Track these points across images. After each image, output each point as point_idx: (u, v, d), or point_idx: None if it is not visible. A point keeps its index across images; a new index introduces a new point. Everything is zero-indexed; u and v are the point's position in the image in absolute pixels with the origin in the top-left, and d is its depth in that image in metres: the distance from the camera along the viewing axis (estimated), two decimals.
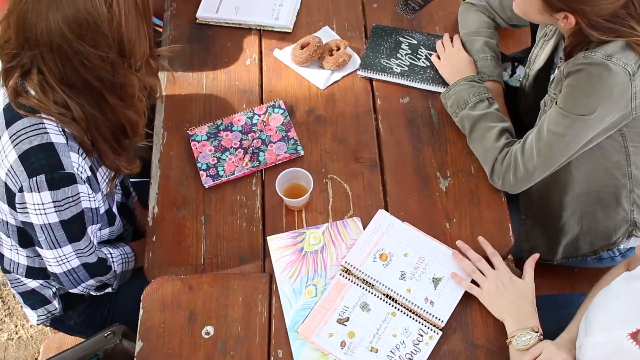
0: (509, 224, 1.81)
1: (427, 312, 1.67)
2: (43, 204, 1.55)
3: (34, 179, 1.53)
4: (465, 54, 2.02)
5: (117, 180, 1.80)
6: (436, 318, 1.66)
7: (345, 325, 1.66)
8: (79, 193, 1.60)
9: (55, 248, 1.64)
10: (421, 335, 1.64)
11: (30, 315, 1.93)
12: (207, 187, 1.88)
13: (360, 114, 2.01)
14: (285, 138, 1.95)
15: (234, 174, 1.89)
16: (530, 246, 2.01)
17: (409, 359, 1.61)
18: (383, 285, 1.70)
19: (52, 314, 1.92)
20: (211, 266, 1.78)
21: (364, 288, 1.70)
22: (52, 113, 1.55)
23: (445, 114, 1.96)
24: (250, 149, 1.93)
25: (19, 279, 1.84)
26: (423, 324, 1.66)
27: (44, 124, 1.55)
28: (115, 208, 1.86)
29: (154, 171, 1.92)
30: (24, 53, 1.51)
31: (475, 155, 1.87)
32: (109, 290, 1.87)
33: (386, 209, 1.84)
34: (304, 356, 1.62)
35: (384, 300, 1.69)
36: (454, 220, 1.82)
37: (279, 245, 1.78)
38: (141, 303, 1.70)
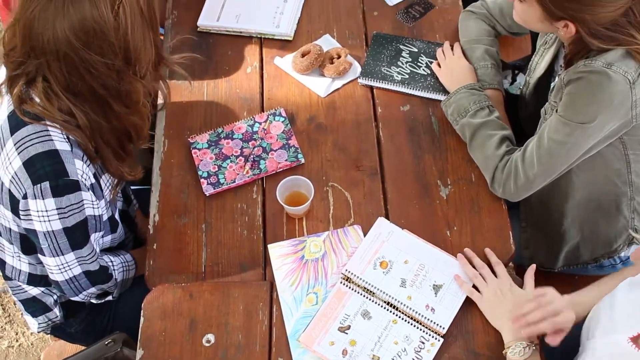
0: (510, 232, 1.81)
1: (428, 319, 1.66)
2: (47, 211, 1.56)
3: (38, 185, 1.53)
4: (465, 61, 2.03)
5: (119, 188, 1.80)
6: (437, 325, 1.66)
7: (347, 333, 1.65)
8: (82, 200, 1.60)
9: (58, 255, 1.64)
10: (422, 343, 1.64)
11: (31, 322, 1.92)
12: (208, 195, 1.88)
13: (361, 122, 2.01)
14: (286, 146, 1.95)
15: (234, 181, 1.89)
16: (530, 254, 2.01)
17: None
18: (384, 292, 1.70)
19: (53, 321, 1.91)
20: (212, 274, 1.78)
21: (364, 296, 1.70)
22: (57, 120, 1.55)
23: (445, 121, 1.96)
24: (251, 156, 1.93)
25: (20, 286, 1.84)
26: (424, 331, 1.65)
27: (48, 131, 1.55)
28: (117, 215, 1.86)
29: (155, 179, 1.92)
30: (30, 61, 1.51)
31: (476, 163, 1.87)
32: (110, 298, 1.87)
33: (387, 216, 1.84)
34: None
35: (385, 308, 1.69)
36: (455, 228, 1.82)
37: (280, 253, 1.78)
38: (142, 311, 1.70)
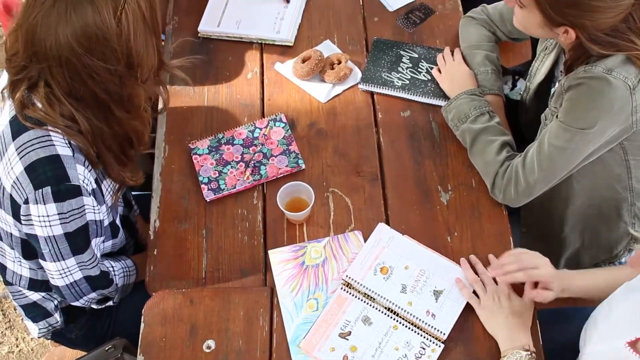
0: (510, 237, 1.81)
1: (429, 325, 1.66)
2: (48, 216, 1.56)
3: (40, 190, 1.53)
4: (466, 67, 2.03)
5: (121, 193, 1.81)
6: (438, 331, 1.65)
7: (347, 339, 1.65)
8: (84, 205, 1.60)
9: (59, 260, 1.64)
10: (423, 349, 1.64)
11: (32, 328, 1.92)
12: (209, 201, 1.89)
13: (362, 128, 2.01)
14: (287, 152, 1.95)
15: (235, 187, 1.89)
16: None
17: None
18: (384, 298, 1.70)
19: (54, 327, 1.91)
20: (212, 280, 1.78)
21: (365, 302, 1.70)
22: (59, 125, 1.55)
23: (446, 127, 1.96)
24: (252, 162, 1.93)
25: (21, 291, 1.84)
26: (425, 337, 1.65)
27: (50, 136, 1.55)
28: (118, 220, 1.86)
29: (156, 185, 1.92)
30: (32, 66, 1.51)
31: (476, 168, 1.87)
32: (110, 303, 1.87)
33: (387, 222, 1.84)
34: None
35: (385, 313, 1.69)
36: (455, 233, 1.82)
37: (280, 259, 1.78)
38: (142, 317, 1.70)
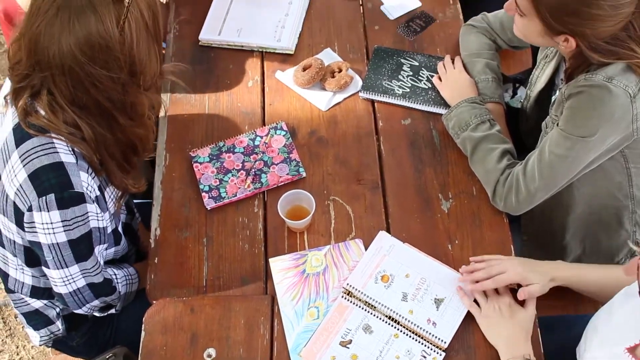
0: (511, 245, 1.81)
1: (430, 333, 1.66)
2: (52, 223, 1.56)
3: (44, 198, 1.53)
4: (466, 75, 2.03)
5: (124, 200, 1.81)
6: (439, 339, 1.65)
7: (348, 347, 1.65)
8: (87, 212, 1.60)
9: (62, 268, 1.63)
10: (424, 357, 1.63)
11: (33, 336, 1.92)
12: (210, 209, 1.89)
13: (362, 136, 2.01)
14: (287, 160, 1.95)
15: (236, 195, 1.89)
16: None
17: None
18: (385, 307, 1.70)
19: (55, 334, 1.91)
20: (213, 288, 1.77)
21: (366, 310, 1.70)
22: (62, 133, 1.55)
23: (446, 135, 1.97)
24: (253, 170, 1.93)
25: (23, 298, 1.84)
26: (426, 345, 1.65)
27: (53, 143, 1.56)
28: (120, 228, 1.86)
29: (156, 193, 1.93)
30: (35, 74, 1.52)
31: (477, 176, 1.87)
32: (113, 311, 1.87)
33: (388, 230, 1.84)
34: None
35: (386, 322, 1.69)
36: (456, 241, 1.82)
37: (281, 267, 1.78)
38: (143, 325, 1.70)
